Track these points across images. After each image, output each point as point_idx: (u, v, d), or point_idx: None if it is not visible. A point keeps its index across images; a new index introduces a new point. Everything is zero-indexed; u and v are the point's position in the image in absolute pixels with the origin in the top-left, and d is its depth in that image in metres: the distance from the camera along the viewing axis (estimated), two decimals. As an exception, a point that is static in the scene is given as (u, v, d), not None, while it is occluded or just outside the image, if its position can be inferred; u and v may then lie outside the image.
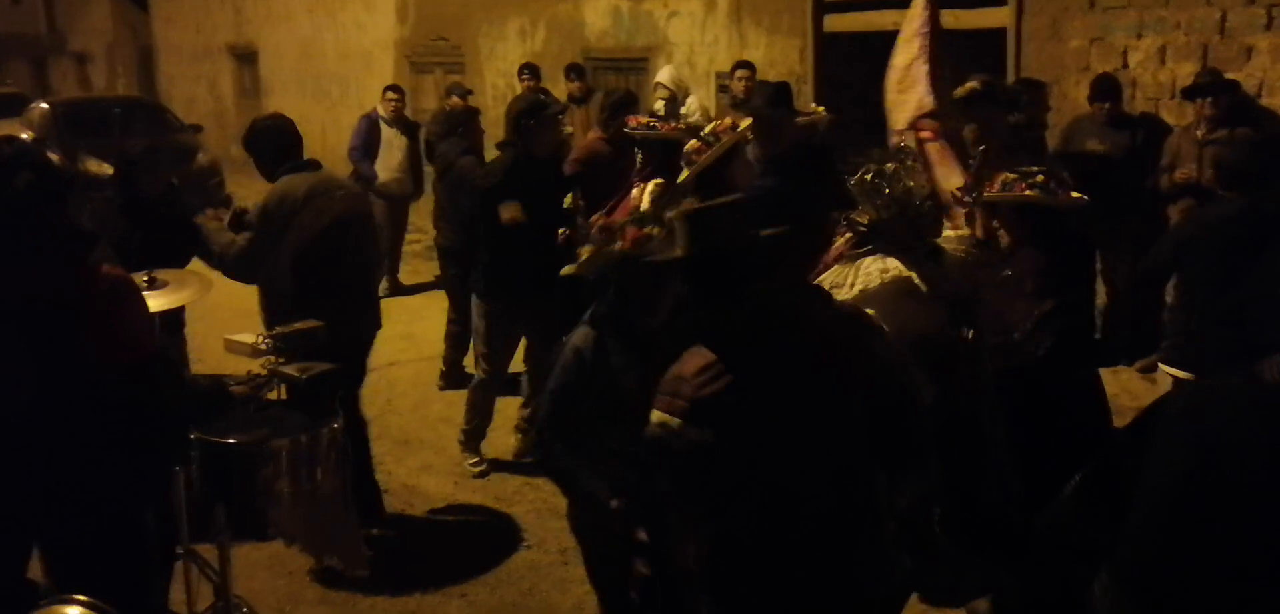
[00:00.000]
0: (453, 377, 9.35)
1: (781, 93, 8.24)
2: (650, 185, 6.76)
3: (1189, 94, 8.61)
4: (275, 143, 6.51)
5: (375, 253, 7.09)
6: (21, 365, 4.11)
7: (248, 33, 22.35)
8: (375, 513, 6.89)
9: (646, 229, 4.13)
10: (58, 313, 4.10)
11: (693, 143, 6.76)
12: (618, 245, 4.14)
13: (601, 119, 9.14)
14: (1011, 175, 5.56)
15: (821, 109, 7.64)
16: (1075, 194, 5.51)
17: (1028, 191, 5.45)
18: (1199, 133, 8.35)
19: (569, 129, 11.08)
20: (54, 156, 4.52)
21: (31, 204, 4.18)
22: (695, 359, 3.26)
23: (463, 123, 9.70)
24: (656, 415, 3.27)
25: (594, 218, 4.30)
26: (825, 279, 5.18)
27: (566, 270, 4.36)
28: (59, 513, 4.24)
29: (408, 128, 13.06)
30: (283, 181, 6.36)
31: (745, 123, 6.84)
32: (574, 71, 13.28)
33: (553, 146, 7.95)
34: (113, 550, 4.31)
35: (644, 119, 7.66)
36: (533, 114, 7.61)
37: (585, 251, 4.27)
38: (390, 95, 12.99)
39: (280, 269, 6.34)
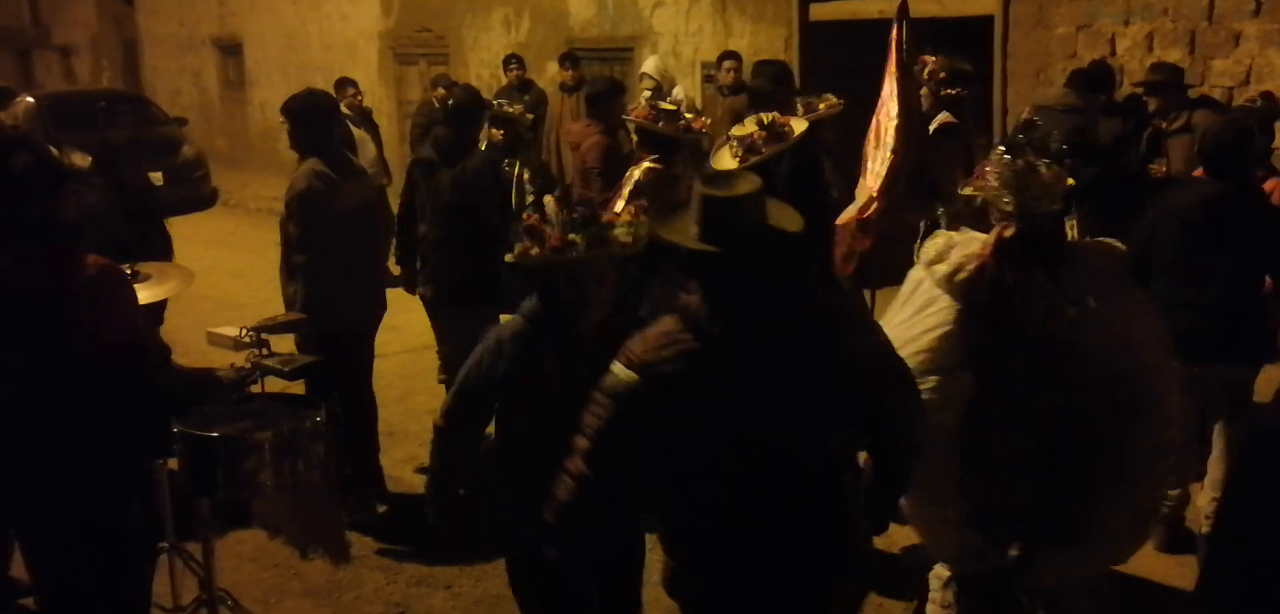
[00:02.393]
0: None
1: (784, 73, 8.21)
2: (640, 168, 6.71)
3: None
4: (307, 122, 6.61)
5: (382, 240, 7.18)
6: (7, 353, 4.08)
7: (232, 24, 22.26)
8: (376, 490, 7.07)
9: (571, 235, 4.04)
10: (44, 301, 4.08)
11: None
12: (536, 250, 4.04)
13: (595, 113, 9.05)
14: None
15: (832, 96, 7.61)
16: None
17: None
18: (1164, 124, 8.34)
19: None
20: (55, 151, 4.50)
21: (26, 190, 4.15)
22: (662, 324, 3.37)
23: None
24: (615, 365, 3.37)
25: (525, 214, 4.17)
26: None
27: (510, 258, 4.25)
28: (41, 505, 4.21)
29: (367, 118, 13.03)
30: (308, 167, 6.44)
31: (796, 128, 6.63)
32: (568, 60, 13.24)
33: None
34: (94, 544, 4.28)
35: (646, 112, 7.60)
36: (479, 109, 7.68)
37: (519, 248, 4.13)
38: (351, 91, 12.82)
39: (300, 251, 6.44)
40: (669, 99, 11.12)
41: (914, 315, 4.37)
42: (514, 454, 4.23)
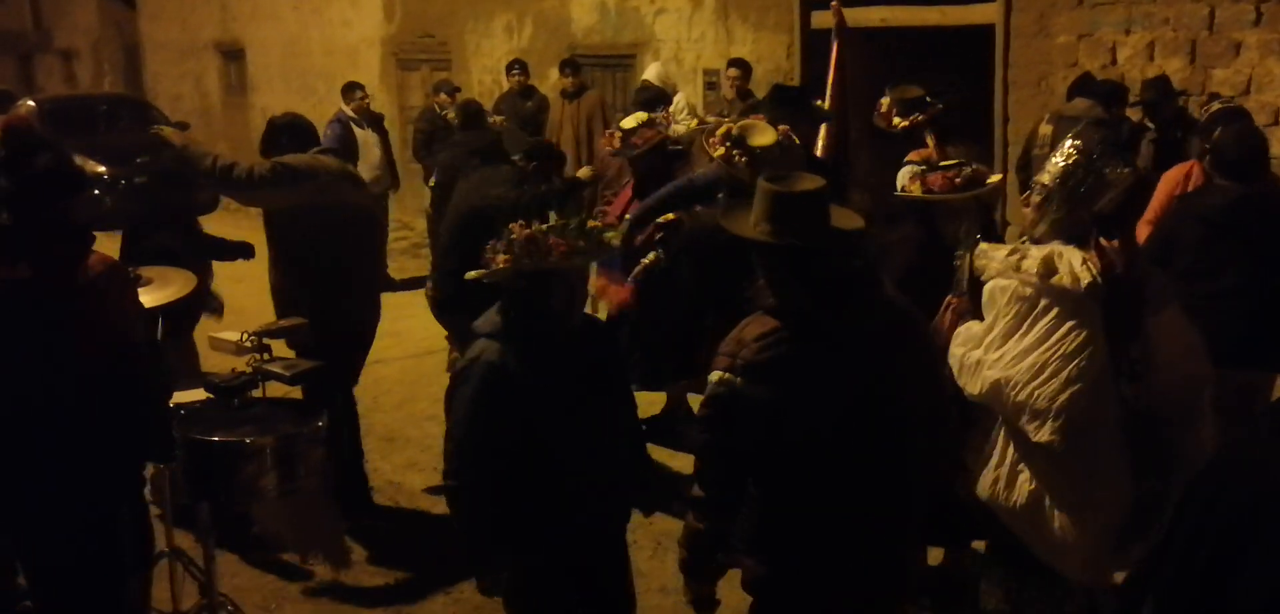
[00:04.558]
0: None
1: (787, 93, 8.28)
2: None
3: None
4: (295, 135, 6.56)
5: (380, 246, 7.25)
6: (12, 353, 4.09)
7: (234, 29, 22.26)
8: (363, 506, 6.90)
9: (573, 241, 4.03)
10: (52, 303, 4.10)
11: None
12: (552, 259, 3.98)
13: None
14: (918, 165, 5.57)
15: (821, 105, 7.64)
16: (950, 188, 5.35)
17: (910, 186, 5.39)
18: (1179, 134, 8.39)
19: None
20: (77, 160, 4.53)
21: (46, 190, 4.18)
22: (756, 325, 3.52)
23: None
24: (716, 374, 3.51)
25: (515, 225, 4.12)
26: None
27: (472, 275, 4.19)
28: (42, 505, 4.21)
29: (375, 121, 13.01)
30: (307, 154, 6.39)
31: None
32: (568, 66, 13.23)
33: None
34: (93, 545, 4.28)
35: (616, 138, 7.60)
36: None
37: (501, 260, 4.06)
38: (359, 94, 12.85)
39: (304, 253, 6.38)
40: (670, 107, 11.18)
41: (1050, 340, 4.29)
42: (499, 474, 4.10)
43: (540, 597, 4.30)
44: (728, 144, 6.11)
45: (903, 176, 5.94)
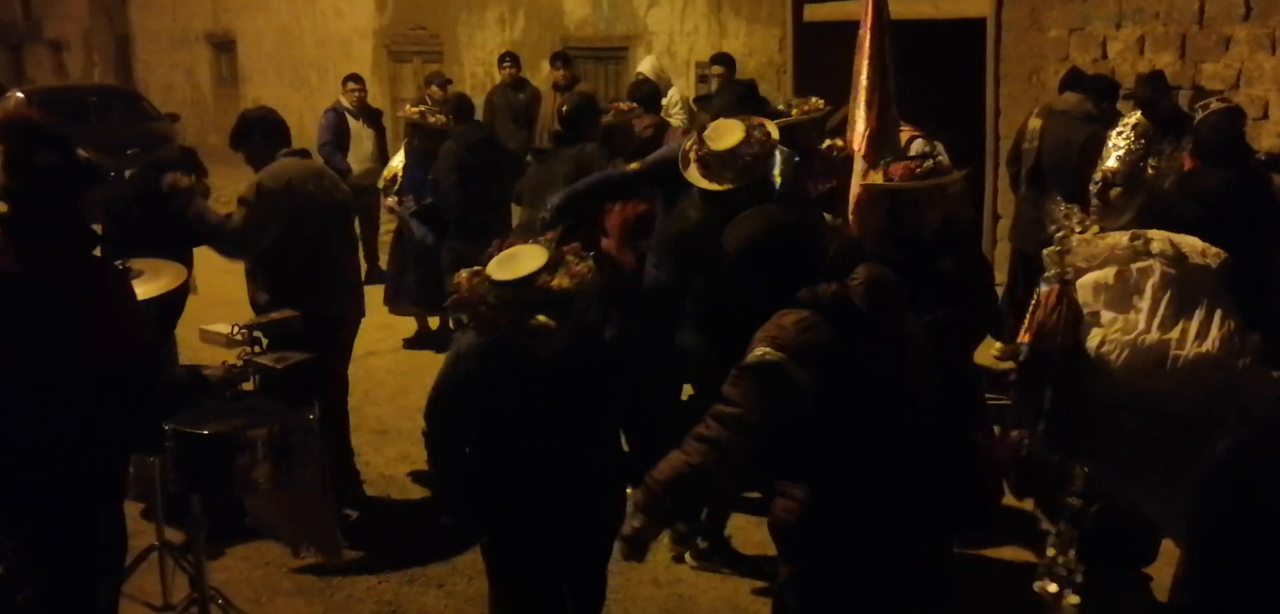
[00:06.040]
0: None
1: (748, 92, 8.25)
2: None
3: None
4: (268, 132, 6.51)
5: (354, 240, 7.20)
6: (15, 347, 4.08)
7: (225, 20, 22.23)
8: (353, 496, 6.91)
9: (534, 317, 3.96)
10: (59, 300, 4.07)
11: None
12: (562, 282, 3.98)
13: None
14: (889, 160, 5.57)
15: (817, 100, 7.60)
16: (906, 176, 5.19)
17: (873, 176, 5.36)
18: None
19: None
20: (83, 153, 4.45)
21: (50, 186, 4.14)
22: (791, 313, 3.57)
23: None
24: (759, 350, 3.52)
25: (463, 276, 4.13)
26: None
27: (451, 305, 4.25)
28: (28, 500, 4.20)
29: (371, 116, 13.01)
30: (278, 164, 6.35)
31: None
32: (559, 59, 13.23)
33: None
34: (72, 543, 4.26)
35: (624, 106, 7.67)
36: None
37: (482, 308, 4.08)
38: (352, 86, 12.84)
39: (272, 251, 6.35)
40: (665, 100, 11.16)
41: (1215, 318, 4.34)
42: (475, 461, 4.19)
43: (527, 591, 4.33)
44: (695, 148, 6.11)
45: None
